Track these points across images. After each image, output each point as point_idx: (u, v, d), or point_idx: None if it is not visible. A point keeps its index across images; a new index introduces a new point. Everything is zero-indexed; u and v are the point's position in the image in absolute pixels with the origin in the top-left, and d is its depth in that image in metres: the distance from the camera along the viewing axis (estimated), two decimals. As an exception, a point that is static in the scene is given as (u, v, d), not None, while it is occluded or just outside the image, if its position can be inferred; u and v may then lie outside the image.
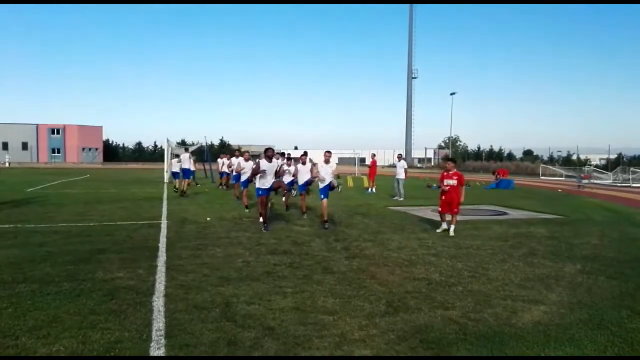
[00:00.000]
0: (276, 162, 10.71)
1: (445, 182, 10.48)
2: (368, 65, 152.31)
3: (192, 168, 21.28)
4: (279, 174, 10.94)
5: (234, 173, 16.48)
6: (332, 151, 11.96)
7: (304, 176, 12.98)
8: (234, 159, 17.98)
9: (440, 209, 10.71)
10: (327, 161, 11.46)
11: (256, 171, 10.46)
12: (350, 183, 27.62)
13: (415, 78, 74.78)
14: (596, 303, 5.61)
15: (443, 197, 10.55)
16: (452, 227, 10.35)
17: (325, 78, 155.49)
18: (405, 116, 75.72)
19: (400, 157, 20.66)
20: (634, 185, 31.27)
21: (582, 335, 4.59)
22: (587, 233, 10.74)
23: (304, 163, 13.20)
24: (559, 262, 7.76)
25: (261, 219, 10.74)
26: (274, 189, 11.77)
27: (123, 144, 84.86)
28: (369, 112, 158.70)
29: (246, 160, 14.16)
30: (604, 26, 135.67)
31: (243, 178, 14.01)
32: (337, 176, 10.59)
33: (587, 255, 8.33)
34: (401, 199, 18.53)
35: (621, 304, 5.56)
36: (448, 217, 10.62)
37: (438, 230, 10.56)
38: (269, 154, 10.62)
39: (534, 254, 8.33)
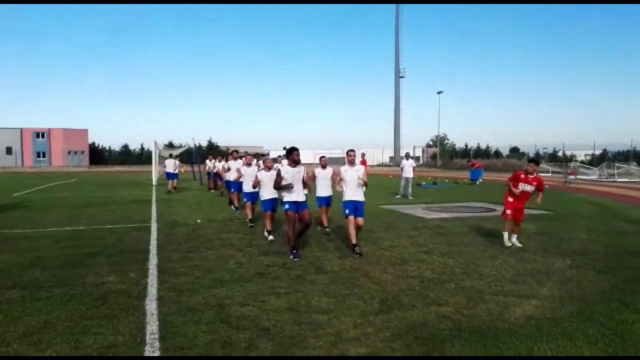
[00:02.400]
0: (302, 168, 8.24)
1: (521, 186, 8.69)
2: (355, 65, 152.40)
3: (175, 171, 22.91)
4: (307, 182, 8.51)
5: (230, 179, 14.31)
6: (321, 151, 10.35)
7: (323, 184, 10.34)
8: (232, 163, 14.96)
9: (510, 214, 8.75)
10: (352, 162, 8.68)
11: (278, 183, 8.08)
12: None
13: (402, 77, 75.06)
14: (586, 296, 5.69)
15: (511, 199, 8.79)
16: (515, 237, 8.84)
17: (313, 78, 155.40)
18: (393, 115, 76.05)
19: (407, 156, 20.23)
20: (619, 180, 31.66)
21: (574, 328, 4.65)
22: (576, 228, 10.86)
23: (324, 167, 10.45)
24: (549, 257, 7.84)
25: (291, 243, 8.00)
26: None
27: (109, 147, 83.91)
28: (358, 112, 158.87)
29: (248, 164, 11.50)
30: (587, 23, 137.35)
31: (246, 188, 11.43)
32: (365, 184, 8.51)
33: (576, 249, 8.42)
34: (411, 197, 18.22)
35: (610, 297, 5.64)
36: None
37: (509, 244, 8.65)
38: (295, 157, 8.12)
39: (524, 250, 8.40)
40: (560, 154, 53.93)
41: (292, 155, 8.12)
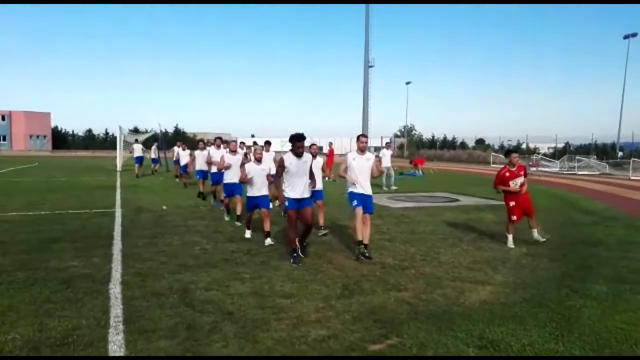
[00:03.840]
0: (310, 158, 7.19)
1: (512, 183, 8.15)
2: (325, 54, 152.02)
3: (140, 155, 24.64)
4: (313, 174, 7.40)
5: (215, 170, 11.55)
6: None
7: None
8: (212, 150, 12.38)
9: (514, 217, 8.18)
10: (362, 150, 7.35)
11: (279, 173, 7.11)
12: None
13: (371, 67, 75.20)
14: (539, 283, 5.97)
15: (513, 203, 8.19)
16: (536, 232, 8.41)
17: (282, 66, 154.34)
18: (362, 105, 76.32)
19: (388, 146, 20.20)
20: (579, 172, 32.69)
21: (525, 313, 4.89)
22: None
23: (314, 156, 8.38)
24: (506, 245, 8.13)
25: (292, 246, 7.03)
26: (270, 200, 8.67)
27: (73, 131, 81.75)
28: (327, 101, 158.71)
29: (233, 152, 10.02)
30: (550, 19, 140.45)
31: (227, 179, 9.92)
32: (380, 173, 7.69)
33: (531, 238, 8.75)
34: (386, 187, 18.07)
35: (561, 284, 5.93)
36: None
37: (511, 245, 8.02)
38: (298, 148, 6.88)
39: (482, 239, 8.71)
40: (523, 146, 55.25)
41: (297, 144, 6.88)
